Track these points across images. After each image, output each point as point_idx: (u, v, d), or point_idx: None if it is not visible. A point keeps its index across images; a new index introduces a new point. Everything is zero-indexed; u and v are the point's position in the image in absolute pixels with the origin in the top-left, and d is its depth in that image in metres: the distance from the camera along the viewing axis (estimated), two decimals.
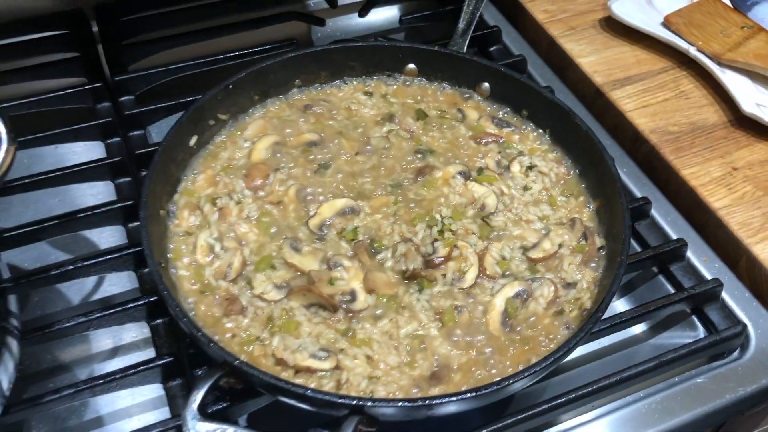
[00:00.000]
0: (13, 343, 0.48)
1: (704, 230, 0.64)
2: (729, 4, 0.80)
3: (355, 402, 0.43)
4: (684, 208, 0.65)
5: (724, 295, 0.59)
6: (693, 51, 0.74)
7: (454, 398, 0.44)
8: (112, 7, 0.80)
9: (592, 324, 0.47)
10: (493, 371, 0.48)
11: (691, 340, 0.55)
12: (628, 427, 0.52)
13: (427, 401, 0.43)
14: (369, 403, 0.43)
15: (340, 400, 0.43)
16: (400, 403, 0.43)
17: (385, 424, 0.45)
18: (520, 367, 0.48)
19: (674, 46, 0.76)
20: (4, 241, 0.58)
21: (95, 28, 0.79)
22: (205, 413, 0.43)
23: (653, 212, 0.63)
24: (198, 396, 0.43)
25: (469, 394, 0.44)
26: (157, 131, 0.72)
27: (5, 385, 0.47)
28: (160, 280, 0.48)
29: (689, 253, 0.61)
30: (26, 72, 0.74)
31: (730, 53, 0.73)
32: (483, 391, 0.44)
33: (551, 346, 0.49)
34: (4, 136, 0.48)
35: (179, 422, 0.49)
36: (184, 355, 0.53)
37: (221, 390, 0.47)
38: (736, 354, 0.56)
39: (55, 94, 0.71)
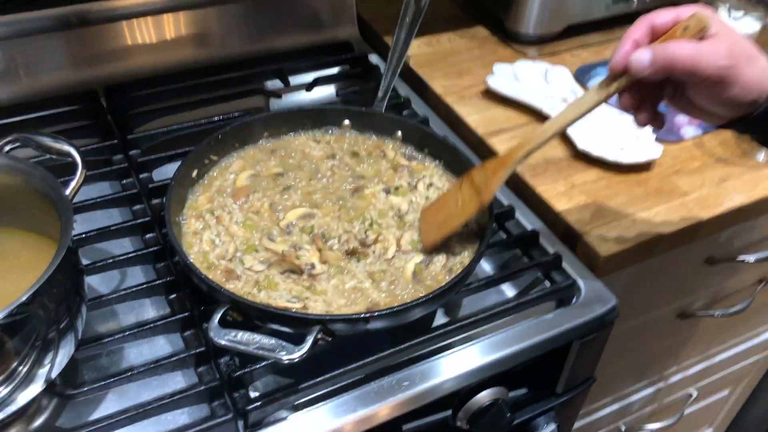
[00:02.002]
0: (84, 308, 0.69)
1: (553, 227, 0.91)
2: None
3: (320, 317, 0.67)
4: (539, 213, 0.92)
5: (566, 266, 0.86)
6: (545, 110, 1.05)
7: (376, 313, 0.68)
8: (117, 87, 1.06)
9: (468, 270, 0.74)
10: None
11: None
12: (504, 344, 0.76)
13: (362, 315, 0.68)
14: (327, 318, 0.67)
15: (311, 317, 0.67)
16: (344, 317, 0.68)
17: (338, 337, 0.69)
18: None
19: (533, 108, 1.07)
20: None
21: (104, 104, 1.05)
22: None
23: (517, 215, 0.91)
24: (217, 316, 0.66)
25: (382, 312, 0.68)
26: (156, 174, 0.96)
27: (80, 331, 0.68)
28: (184, 256, 0.72)
29: (544, 242, 0.88)
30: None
31: None
32: (392, 310, 0.69)
33: None
34: (79, 161, 0.72)
35: (199, 350, 0.72)
36: (195, 315, 0.76)
37: (225, 323, 0.69)
38: (574, 301, 0.83)
39: (81, 149, 0.95)
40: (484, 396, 0.77)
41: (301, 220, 0.82)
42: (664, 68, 0.61)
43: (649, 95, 0.68)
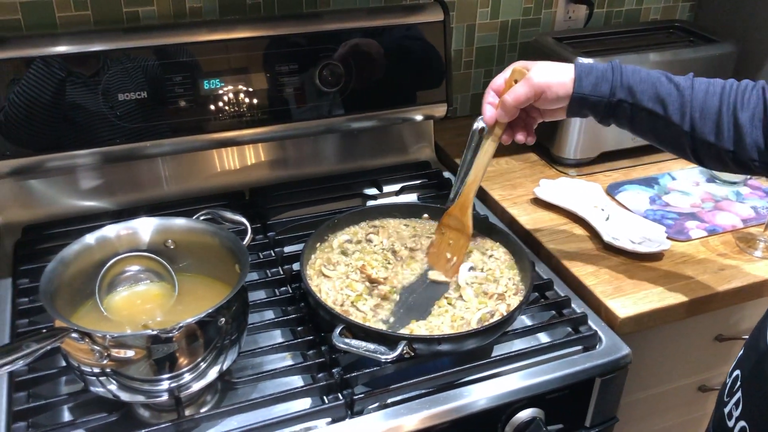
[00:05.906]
0: (246, 330, 1.00)
1: (583, 296, 1.19)
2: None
3: (406, 335, 0.96)
4: (572, 286, 1.20)
5: (591, 323, 1.12)
6: (579, 213, 1.35)
7: (444, 336, 0.97)
8: (258, 189, 1.43)
9: (509, 316, 1.02)
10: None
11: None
12: (540, 373, 1.02)
13: (434, 336, 0.97)
14: (410, 336, 0.96)
15: (399, 335, 0.96)
16: (422, 336, 0.97)
17: (420, 355, 0.97)
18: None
19: (571, 211, 1.37)
20: None
21: (248, 200, 1.42)
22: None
23: (555, 287, 1.19)
24: (337, 329, 0.96)
25: (447, 335, 0.97)
26: (286, 249, 1.29)
27: (242, 344, 0.99)
28: (314, 296, 1.04)
29: (574, 306, 1.16)
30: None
31: None
32: (455, 334, 0.98)
33: None
34: (249, 226, 1.07)
35: (319, 360, 1.01)
36: (316, 340, 1.06)
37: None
38: (596, 348, 1.09)
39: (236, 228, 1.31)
40: (526, 414, 1.03)
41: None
42: (509, 110, 1.00)
43: (519, 123, 1.06)
